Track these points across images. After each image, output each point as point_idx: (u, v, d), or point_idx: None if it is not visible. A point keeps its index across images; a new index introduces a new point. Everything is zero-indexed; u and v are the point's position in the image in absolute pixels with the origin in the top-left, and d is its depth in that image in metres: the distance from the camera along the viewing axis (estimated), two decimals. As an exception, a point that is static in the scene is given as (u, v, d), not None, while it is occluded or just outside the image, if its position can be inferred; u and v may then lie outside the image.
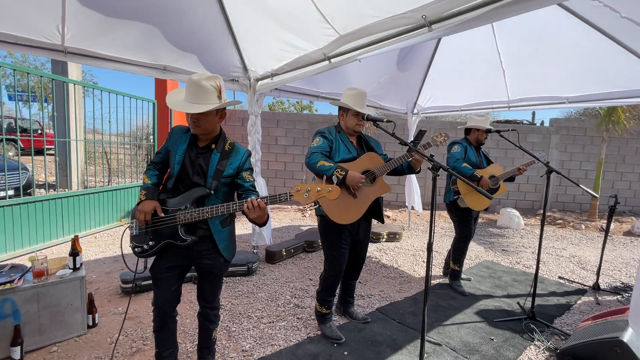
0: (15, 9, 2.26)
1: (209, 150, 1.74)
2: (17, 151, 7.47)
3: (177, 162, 1.71)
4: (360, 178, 2.16)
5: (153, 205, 1.67)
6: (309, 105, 18.91)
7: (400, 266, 4.07)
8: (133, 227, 1.74)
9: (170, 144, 1.77)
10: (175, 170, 1.71)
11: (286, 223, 6.27)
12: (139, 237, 1.72)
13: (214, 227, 1.73)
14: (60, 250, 4.17)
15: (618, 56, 3.14)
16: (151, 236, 1.70)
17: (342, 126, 2.41)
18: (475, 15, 1.74)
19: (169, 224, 1.67)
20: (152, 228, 1.69)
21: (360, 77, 4.41)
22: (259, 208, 1.54)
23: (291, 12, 2.65)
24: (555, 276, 3.93)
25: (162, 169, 1.84)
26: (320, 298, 2.48)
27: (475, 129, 3.26)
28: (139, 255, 1.72)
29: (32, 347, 2.18)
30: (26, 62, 15.66)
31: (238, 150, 1.80)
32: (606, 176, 7.94)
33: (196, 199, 1.67)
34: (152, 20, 2.74)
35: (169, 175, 1.75)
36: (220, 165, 1.71)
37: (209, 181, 1.70)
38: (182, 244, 1.67)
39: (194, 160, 1.71)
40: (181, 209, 1.65)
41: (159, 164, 1.84)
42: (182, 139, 1.75)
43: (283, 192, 1.58)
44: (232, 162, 1.75)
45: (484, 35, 3.75)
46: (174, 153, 1.73)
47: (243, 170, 1.78)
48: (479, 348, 2.41)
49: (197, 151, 1.73)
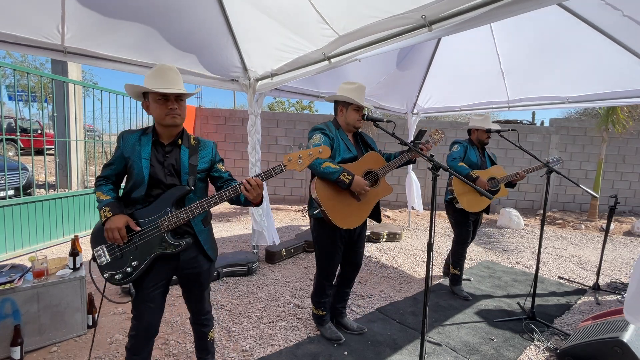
0: (15, 8, 2.26)
1: (176, 146, 1.61)
2: (17, 151, 7.47)
3: (144, 167, 1.53)
4: (365, 184, 2.10)
5: (125, 220, 1.48)
6: (309, 105, 18.91)
7: (400, 266, 4.07)
8: (102, 255, 1.51)
9: (126, 151, 1.57)
10: (144, 175, 1.53)
11: (286, 223, 6.27)
12: (113, 263, 1.51)
13: (197, 227, 1.63)
14: (60, 250, 4.17)
15: (618, 56, 3.14)
16: (131, 256, 1.51)
17: (341, 122, 2.30)
18: (475, 15, 1.74)
19: (152, 235, 1.51)
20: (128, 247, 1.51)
21: (360, 77, 4.40)
22: (257, 186, 1.49)
23: (289, 13, 2.65)
24: (555, 276, 3.93)
25: (116, 182, 1.65)
26: (315, 301, 2.43)
27: (474, 129, 3.23)
28: (120, 282, 1.50)
29: (32, 347, 2.18)
30: (25, 62, 15.67)
31: (205, 144, 1.71)
32: (606, 176, 7.94)
33: (177, 199, 1.55)
34: (152, 20, 2.73)
35: (135, 184, 1.55)
36: (193, 160, 1.61)
37: (184, 179, 1.58)
38: (175, 251, 1.54)
39: (162, 161, 1.57)
40: (164, 215, 1.52)
41: (112, 177, 1.63)
42: (140, 142, 1.57)
43: (276, 165, 1.52)
44: (204, 155, 1.67)
45: (484, 35, 3.75)
46: (137, 158, 1.54)
47: (217, 162, 1.71)
48: (479, 348, 2.41)
49: (163, 151, 1.59)
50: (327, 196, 2.13)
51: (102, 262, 1.52)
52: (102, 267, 1.52)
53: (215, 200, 1.52)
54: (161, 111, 1.52)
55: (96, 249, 1.53)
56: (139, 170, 1.54)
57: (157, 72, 1.53)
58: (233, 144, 8.08)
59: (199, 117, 8.05)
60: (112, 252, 1.52)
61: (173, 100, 1.53)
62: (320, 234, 2.26)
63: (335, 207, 2.13)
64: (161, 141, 1.60)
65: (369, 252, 4.57)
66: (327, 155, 1.57)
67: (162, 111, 1.52)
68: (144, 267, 1.52)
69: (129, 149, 1.57)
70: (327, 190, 2.13)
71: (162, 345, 2.30)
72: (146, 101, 1.59)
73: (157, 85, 1.50)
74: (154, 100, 1.53)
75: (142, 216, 1.53)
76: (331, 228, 2.18)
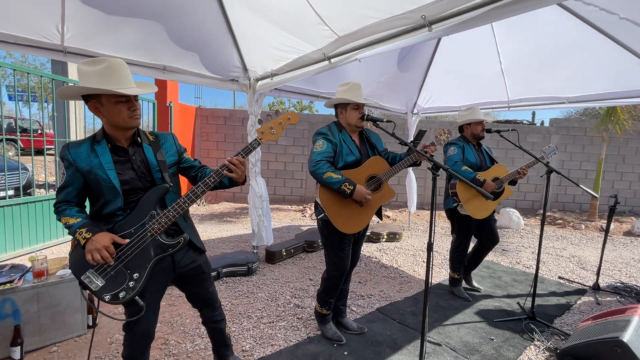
0: (15, 8, 2.26)
1: (137, 145, 1.51)
2: (17, 151, 7.46)
3: (112, 178, 1.40)
4: (366, 194, 2.11)
5: (109, 237, 1.36)
6: (309, 105, 18.91)
7: (400, 266, 4.07)
8: (92, 280, 1.38)
9: (82, 165, 1.40)
10: (115, 186, 1.40)
11: (286, 223, 6.27)
12: (110, 284, 1.38)
13: (182, 222, 1.59)
14: (60, 250, 4.17)
15: (618, 56, 3.14)
16: (128, 270, 1.41)
17: (343, 124, 2.29)
18: (474, 15, 1.74)
19: (145, 242, 1.43)
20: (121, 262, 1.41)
21: (360, 77, 4.39)
22: (240, 164, 1.46)
23: (289, 14, 2.64)
24: (555, 276, 3.93)
25: (79, 204, 1.48)
26: (322, 299, 2.42)
27: (466, 124, 3.07)
28: (126, 299, 1.39)
29: (32, 347, 2.18)
30: (26, 62, 15.67)
31: (165, 136, 1.63)
32: (606, 176, 7.94)
33: (158, 200, 1.47)
34: (152, 20, 2.73)
35: (107, 199, 1.42)
36: (159, 156, 1.52)
37: (157, 177, 1.50)
38: (174, 250, 1.49)
39: (129, 166, 1.46)
40: (150, 218, 1.45)
41: (74, 198, 1.45)
42: (95, 153, 1.42)
43: (253, 140, 1.55)
44: (167, 148, 1.60)
45: (484, 35, 3.75)
46: (99, 171, 1.40)
47: (182, 152, 1.66)
48: (479, 348, 2.41)
49: (126, 155, 1.47)
50: (330, 201, 2.15)
51: (95, 287, 1.38)
52: (98, 292, 1.38)
53: (202, 189, 1.46)
54: (123, 114, 1.39)
55: (83, 277, 1.38)
56: (108, 183, 1.40)
57: (108, 72, 1.34)
58: (233, 144, 8.08)
59: (199, 117, 8.05)
60: (103, 273, 1.40)
61: (133, 100, 1.41)
62: (328, 233, 2.25)
63: (338, 213, 2.15)
64: (119, 145, 1.47)
65: (369, 252, 4.57)
66: (295, 120, 1.62)
67: (125, 114, 1.39)
68: (147, 276, 1.43)
69: (84, 162, 1.40)
70: (330, 196, 2.16)
71: (162, 345, 2.30)
72: (95, 103, 1.39)
73: (113, 85, 1.34)
74: (113, 103, 1.37)
75: (125, 228, 1.43)
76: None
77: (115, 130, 1.46)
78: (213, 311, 1.84)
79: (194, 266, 1.67)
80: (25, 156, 9.15)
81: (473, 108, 3.06)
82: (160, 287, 1.58)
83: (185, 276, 1.67)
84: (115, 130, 1.45)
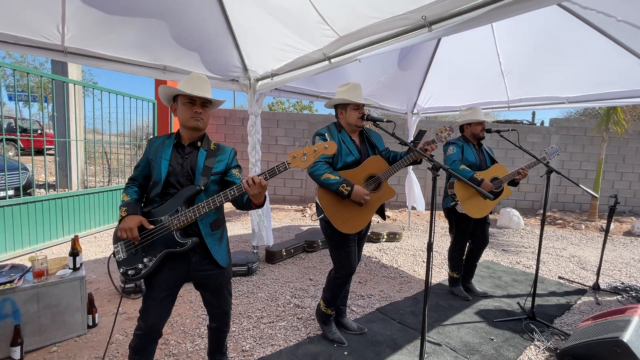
0: (15, 8, 2.26)
1: (196, 148, 1.70)
2: (17, 151, 7.47)
3: (163, 167, 1.63)
4: (364, 194, 2.10)
5: (138, 220, 1.56)
6: (309, 105, 18.92)
7: (400, 266, 4.07)
8: (120, 251, 1.61)
9: (151, 154, 1.69)
10: (162, 175, 1.62)
11: (286, 223, 6.27)
12: (129, 259, 1.59)
13: (205, 229, 1.65)
14: (60, 250, 4.17)
15: (618, 56, 3.14)
16: (143, 253, 1.58)
17: (343, 124, 2.29)
18: (475, 15, 1.74)
19: (163, 233, 1.57)
20: (142, 244, 1.58)
21: (360, 77, 4.40)
22: (260, 185, 1.49)
23: (290, 13, 2.65)
24: (555, 276, 3.93)
25: (142, 185, 1.73)
26: (327, 299, 2.38)
27: (467, 124, 3.06)
28: (133, 278, 1.58)
29: (32, 347, 2.18)
30: (25, 62, 15.66)
31: (224, 149, 1.78)
32: (606, 176, 7.95)
33: (187, 199, 1.60)
34: (152, 20, 2.73)
35: (153, 183, 1.65)
36: (209, 163, 1.68)
37: (197, 179, 1.64)
38: (182, 249, 1.58)
39: (181, 162, 1.66)
40: (175, 213, 1.57)
41: (139, 178, 1.73)
42: (164, 145, 1.69)
43: (280, 163, 1.52)
44: (221, 159, 1.73)
45: (484, 35, 3.75)
46: (158, 159, 1.65)
47: (232, 168, 1.76)
48: (479, 348, 2.41)
49: (183, 152, 1.68)
50: (330, 202, 2.16)
51: (119, 258, 1.60)
52: (119, 263, 1.61)
53: (221, 199, 1.55)
54: (187, 114, 1.64)
55: (115, 246, 1.62)
56: (158, 170, 1.63)
57: (190, 80, 1.66)
58: (233, 144, 8.08)
59: (199, 117, 8.04)
60: (128, 248, 1.60)
61: (199, 105, 1.64)
62: (331, 233, 2.24)
63: (337, 213, 2.15)
64: (182, 143, 1.70)
65: (369, 252, 4.57)
66: (332, 151, 1.56)
67: (188, 114, 1.63)
68: (154, 264, 1.57)
69: (153, 152, 1.68)
70: (329, 197, 2.16)
71: (162, 345, 2.30)
72: (174, 104, 1.71)
73: (188, 90, 1.61)
74: (182, 104, 1.64)
75: (157, 214, 1.60)
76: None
77: (183, 130, 1.70)
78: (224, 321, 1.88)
79: (209, 274, 1.71)
80: (25, 156, 9.15)
81: (474, 108, 3.05)
82: (171, 284, 1.64)
83: (199, 281, 1.74)
84: (183, 129, 1.70)
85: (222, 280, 1.76)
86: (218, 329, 1.88)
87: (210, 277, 1.71)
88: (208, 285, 1.75)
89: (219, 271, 1.73)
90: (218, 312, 1.84)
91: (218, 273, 1.73)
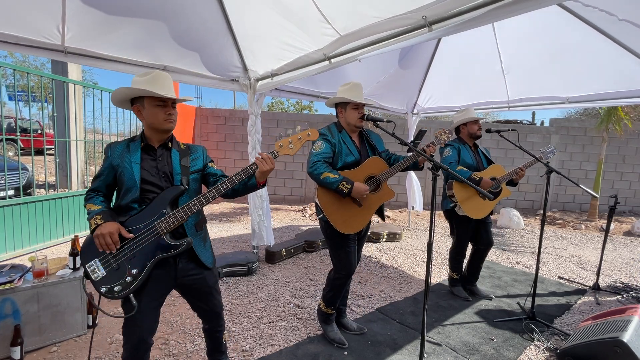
0: (15, 9, 2.26)
1: (167, 149, 1.64)
2: (17, 151, 7.46)
3: (135, 172, 1.53)
4: (365, 190, 2.10)
5: (116, 226, 1.44)
6: (309, 105, 18.91)
7: (400, 266, 4.07)
8: (95, 269, 1.44)
9: (115, 160, 1.56)
10: (135, 179, 1.52)
11: (286, 223, 6.27)
12: (110, 275, 1.44)
13: (190, 230, 1.60)
14: (60, 250, 4.17)
15: (618, 56, 3.14)
16: (129, 265, 1.45)
17: (343, 124, 2.28)
18: (475, 15, 1.74)
19: (150, 239, 1.48)
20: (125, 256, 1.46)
21: (360, 77, 4.40)
22: (270, 160, 1.55)
23: (292, 12, 2.65)
24: (555, 276, 3.93)
25: (106, 195, 1.61)
26: (328, 299, 2.37)
27: (462, 125, 3.05)
28: (120, 295, 1.43)
29: (32, 347, 2.18)
30: (26, 62, 15.67)
31: (195, 148, 1.75)
32: (606, 176, 7.95)
33: (171, 200, 1.54)
34: (152, 21, 2.73)
35: (126, 190, 1.53)
36: (184, 162, 1.64)
37: (177, 179, 1.59)
38: (176, 252, 1.51)
39: (154, 165, 1.58)
40: (160, 217, 1.50)
41: (102, 188, 1.59)
42: (130, 149, 1.58)
43: (269, 152, 1.58)
44: (195, 157, 1.71)
45: (484, 35, 3.75)
46: (127, 164, 1.54)
47: (209, 162, 1.76)
48: (479, 348, 2.41)
49: (155, 155, 1.60)
50: (329, 202, 2.15)
51: (96, 277, 1.44)
52: (97, 283, 1.43)
53: (226, 186, 1.54)
54: (160, 116, 1.56)
55: (88, 265, 1.45)
56: (130, 175, 1.53)
57: (154, 79, 1.55)
58: (233, 144, 8.08)
59: (199, 117, 8.05)
60: (106, 264, 1.45)
61: (170, 106, 1.58)
62: (331, 233, 2.23)
63: (336, 213, 2.15)
64: (151, 144, 1.61)
65: (369, 252, 4.57)
66: (315, 137, 1.65)
67: (161, 116, 1.56)
68: (145, 274, 1.47)
69: (117, 158, 1.57)
70: (328, 197, 2.15)
71: (162, 345, 2.31)
72: (138, 106, 1.59)
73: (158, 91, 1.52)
74: (153, 105, 1.55)
75: (136, 223, 1.50)
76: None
77: (151, 132, 1.61)
78: (217, 322, 1.85)
79: (197, 277, 1.66)
80: (25, 156, 9.15)
81: (467, 109, 3.08)
82: (159, 293, 1.58)
83: (187, 287, 1.68)
84: (152, 131, 1.61)
85: (210, 281, 1.72)
86: (213, 329, 1.86)
87: (198, 281, 1.67)
88: (197, 290, 1.70)
89: (207, 272, 1.70)
90: (210, 314, 1.81)
91: (206, 275, 1.69)
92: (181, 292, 1.73)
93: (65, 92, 6.28)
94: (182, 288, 1.69)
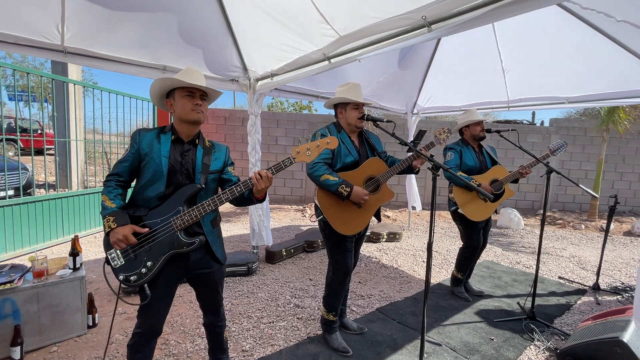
0: (15, 9, 2.26)
1: (194, 146, 1.66)
2: (17, 151, 7.46)
3: (164, 164, 1.55)
4: (364, 195, 2.10)
5: (129, 229, 1.49)
6: (309, 105, 18.89)
7: (400, 266, 4.07)
8: (115, 257, 1.53)
9: (143, 148, 1.58)
10: (162, 172, 1.55)
11: (286, 223, 6.27)
12: (128, 265, 1.52)
13: (206, 227, 1.64)
14: (60, 250, 4.17)
15: (618, 56, 3.14)
16: (145, 257, 1.52)
17: (343, 124, 2.27)
18: (475, 15, 1.74)
19: (165, 235, 1.53)
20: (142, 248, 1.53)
21: (360, 77, 4.41)
22: (268, 179, 1.54)
23: (291, 13, 2.65)
24: (555, 276, 3.93)
25: (127, 182, 1.63)
26: (328, 304, 2.33)
27: (465, 127, 3.04)
28: (135, 283, 1.51)
29: (32, 347, 2.18)
30: (25, 62, 15.66)
31: (220, 147, 1.78)
32: (606, 176, 7.95)
33: (188, 198, 1.57)
34: (152, 21, 2.74)
35: (150, 181, 1.56)
36: (206, 160, 1.66)
37: (197, 177, 1.62)
38: (189, 249, 1.55)
39: (180, 160, 1.60)
40: (176, 213, 1.54)
41: (125, 174, 1.60)
42: (159, 140, 1.60)
43: (285, 158, 1.58)
44: (217, 157, 1.72)
45: (484, 35, 3.75)
46: (155, 156, 1.56)
47: (228, 165, 1.77)
48: (479, 348, 2.41)
49: (181, 149, 1.62)
50: (329, 203, 2.15)
51: (115, 265, 1.53)
52: (116, 270, 1.53)
53: (227, 196, 1.55)
54: (187, 106, 1.58)
55: (109, 252, 1.54)
56: (157, 168, 1.55)
57: (186, 72, 1.61)
58: (233, 144, 8.08)
59: (199, 117, 8.03)
60: (125, 254, 1.53)
61: (198, 97, 1.60)
62: (330, 234, 2.23)
63: (336, 214, 2.15)
64: (180, 138, 1.64)
65: (369, 252, 4.57)
66: (334, 145, 1.62)
67: (189, 107, 1.58)
68: (158, 267, 1.53)
69: (146, 146, 1.58)
70: (328, 198, 2.15)
71: (162, 345, 2.30)
72: (170, 99, 1.64)
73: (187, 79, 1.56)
74: (181, 97, 1.58)
75: (154, 217, 1.55)
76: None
77: (181, 125, 1.63)
78: (217, 317, 1.87)
79: (207, 272, 1.71)
80: (25, 156, 9.14)
81: (470, 110, 3.06)
82: (171, 282, 1.63)
83: (197, 278, 1.73)
84: (181, 124, 1.62)
85: (219, 276, 1.78)
86: (213, 324, 1.88)
87: (209, 275, 1.72)
88: (206, 282, 1.75)
89: (218, 268, 1.75)
90: (212, 308, 1.84)
91: (217, 270, 1.74)
92: (190, 282, 1.78)
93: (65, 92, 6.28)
94: (192, 279, 1.74)
